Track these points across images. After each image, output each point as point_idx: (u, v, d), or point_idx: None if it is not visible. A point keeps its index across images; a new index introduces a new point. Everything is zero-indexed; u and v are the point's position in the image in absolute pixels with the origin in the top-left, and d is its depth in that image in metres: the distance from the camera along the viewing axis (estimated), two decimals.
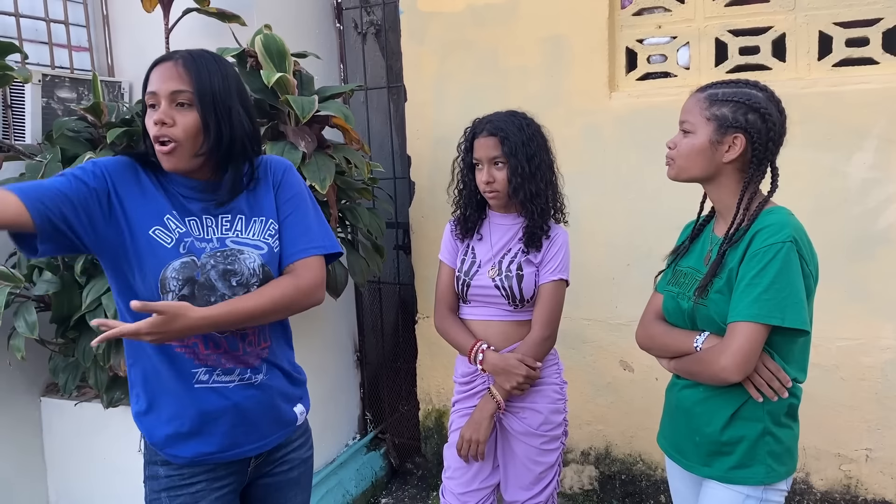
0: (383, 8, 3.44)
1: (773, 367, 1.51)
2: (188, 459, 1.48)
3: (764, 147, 1.52)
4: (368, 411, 3.60)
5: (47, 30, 2.93)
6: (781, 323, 1.44)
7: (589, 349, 2.95)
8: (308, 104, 2.37)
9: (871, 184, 2.48)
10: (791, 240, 1.44)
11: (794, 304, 1.44)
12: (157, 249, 1.40)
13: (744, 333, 1.46)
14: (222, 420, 1.48)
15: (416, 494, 3.37)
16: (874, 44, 2.51)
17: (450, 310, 2.13)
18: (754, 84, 1.55)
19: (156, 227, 1.42)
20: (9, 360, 2.47)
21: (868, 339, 2.54)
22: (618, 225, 2.85)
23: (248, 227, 1.49)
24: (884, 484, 2.58)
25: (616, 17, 2.85)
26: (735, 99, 1.51)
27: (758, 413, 1.54)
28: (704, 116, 1.53)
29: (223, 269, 1.44)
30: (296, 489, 1.67)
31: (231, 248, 1.46)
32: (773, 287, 1.44)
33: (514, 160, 1.96)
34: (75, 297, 2.27)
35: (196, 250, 1.43)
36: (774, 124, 1.52)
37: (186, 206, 1.46)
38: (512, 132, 1.97)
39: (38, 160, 2.41)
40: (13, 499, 2.67)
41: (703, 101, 1.54)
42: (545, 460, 2.07)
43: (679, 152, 1.57)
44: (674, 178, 1.62)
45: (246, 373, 1.50)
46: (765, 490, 1.55)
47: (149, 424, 1.50)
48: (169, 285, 1.40)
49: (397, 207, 3.40)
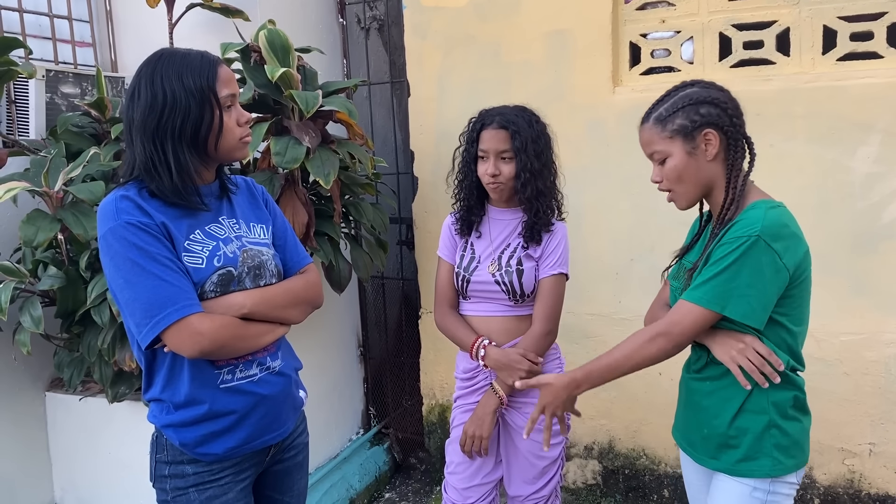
0: (386, 3, 3.44)
1: (763, 350, 1.51)
2: (218, 456, 1.51)
3: (732, 125, 1.53)
4: (372, 406, 3.61)
5: (51, 25, 2.93)
6: (721, 311, 1.47)
7: (592, 344, 2.95)
8: (312, 99, 2.37)
9: (875, 178, 2.48)
10: (756, 235, 1.44)
11: (741, 297, 1.46)
12: (193, 273, 1.45)
13: (684, 312, 1.51)
14: (253, 414, 1.52)
15: (419, 489, 3.38)
16: (879, 38, 2.50)
17: (450, 306, 2.13)
18: (682, 85, 1.58)
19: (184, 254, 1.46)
20: (14, 355, 2.48)
21: (871, 333, 2.54)
22: (621, 220, 2.85)
23: (252, 230, 1.59)
24: (887, 478, 2.59)
25: (620, 11, 2.84)
26: (679, 106, 1.53)
27: (763, 405, 1.54)
28: (667, 137, 1.55)
29: (254, 274, 1.53)
30: (301, 472, 1.73)
31: (251, 248, 1.54)
32: (723, 275, 1.46)
33: (523, 156, 1.95)
34: (80, 292, 2.27)
35: (230, 260, 1.49)
36: (725, 102, 1.54)
37: (200, 218, 1.50)
38: (522, 127, 1.96)
39: (43, 155, 2.42)
40: (18, 494, 2.68)
41: (655, 127, 1.57)
42: (548, 454, 2.07)
43: (669, 179, 1.58)
44: (687, 207, 1.62)
45: (266, 360, 1.56)
46: (772, 482, 1.55)
47: (178, 429, 1.50)
48: (207, 297, 1.47)
49: (400, 203, 3.40)
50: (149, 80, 1.41)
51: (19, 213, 2.27)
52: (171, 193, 1.43)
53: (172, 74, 1.40)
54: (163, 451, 1.53)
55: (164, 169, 1.42)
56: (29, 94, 2.66)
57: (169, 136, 1.41)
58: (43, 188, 2.19)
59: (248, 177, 1.76)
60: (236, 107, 1.48)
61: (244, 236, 1.55)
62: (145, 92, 1.40)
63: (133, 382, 2.46)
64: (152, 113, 1.40)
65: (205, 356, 1.43)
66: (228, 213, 1.56)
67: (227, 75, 1.46)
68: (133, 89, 1.43)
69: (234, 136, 1.47)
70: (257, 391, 1.53)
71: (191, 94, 1.40)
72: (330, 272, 2.71)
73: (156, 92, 1.40)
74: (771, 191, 1.61)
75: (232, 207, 1.58)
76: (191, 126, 1.41)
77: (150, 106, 1.40)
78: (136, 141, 1.42)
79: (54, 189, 2.19)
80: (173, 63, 1.42)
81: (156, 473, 1.55)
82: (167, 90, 1.39)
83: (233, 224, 1.55)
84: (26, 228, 2.14)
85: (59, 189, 2.19)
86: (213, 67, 1.44)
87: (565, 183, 2.11)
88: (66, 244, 2.28)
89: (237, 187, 1.64)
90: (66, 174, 2.19)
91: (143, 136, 1.41)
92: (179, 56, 1.43)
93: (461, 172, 2.08)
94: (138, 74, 1.43)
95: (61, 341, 2.48)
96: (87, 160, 2.24)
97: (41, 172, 2.23)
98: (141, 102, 1.41)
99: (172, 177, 1.42)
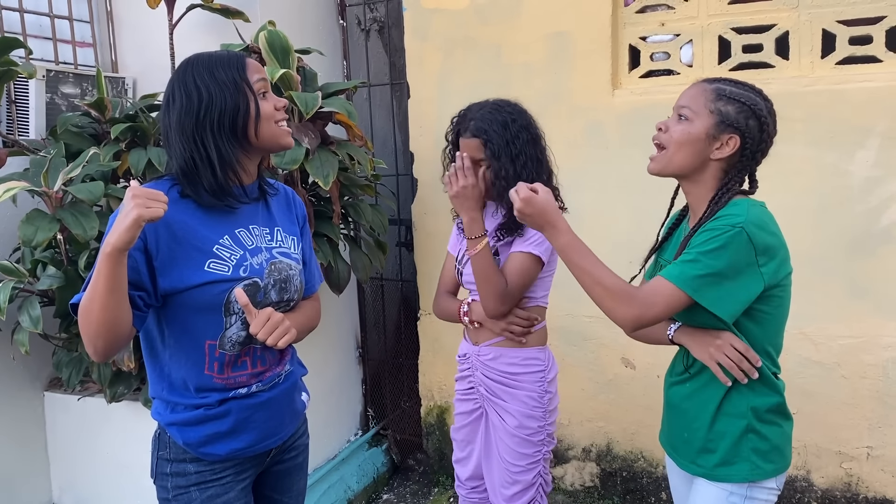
0: (386, 4, 3.44)
1: (741, 346, 1.50)
2: (222, 456, 1.52)
3: (752, 155, 1.52)
4: (370, 407, 3.61)
5: (51, 25, 2.93)
6: (693, 295, 1.43)
7: (590, 346, 2.95)
8: (312, 100, 2.38)
9: (873, 182, 2.48)
10: (740, 225, 1.42)
11: (713, 285, 1.43)
12: (216, 279, 1.46)
13: (659, 289, 1.45)
14: (257, 417, 1.54)
15: (417, 490, 3.38)
16: (877, 42, 2.51)
17: (447, 293, 2.19)
18: (759, 91, 1.55)
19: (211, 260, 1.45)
20: (12, 355, 2.48)
21: (869, 337, 2.54)
22: (620, 222, 2.85)
23: (284, 240, 1.60)
24: (885, 482, 2.59)
25: (619, 14, 2.85)
26: (741, 100, 1.50)
27: (741, 409, 1.54)
28: (708, 108, 1.51)
29: (280, 287, 1.55)
30: (300, 473, 1.74)
31: (280, 259, 1.55)
32: (701, 261, 1.43)
33: (496, 163, 1.92)
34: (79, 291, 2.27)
35: (255, 271, 1.49)
36: (769, 136, 1.53)
37: (231, 222, 1.50)
38: (496, 132, 1.92)
39: (43, 155, 2.42)
40: (16, 494, 2.68)
41: (709, 92, 1.53)
42: (519, 462, 2.03)
43: (672, 138, 1.53)
44: (657, 172, 1.58)
45: (280, 377, 1.59)
46: (749, 487, 1.54)
47: (182, 428, 1.50)
48: (233, 308, 1.47)
49: (400, 204, 3.40)
50: (181, 83, 1.43)
51: (19, 213, 2.27)
52: (211, 193, 1.44)
53: (204, 72, 1.42)
54: (165, 449, 1.53)
55: (206, 166, 1.42)
56: (29, 94, 2.67)
57: (209, 132, 1.41)
58: (42, 188, 2.19)
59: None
60: (270, 93, 1.50)
61: (274, 247, 1.55)
62: (179, 95, 1.42)
63: (131, 382, 2.46)
64: (189, 113, 1.41)
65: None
66: (263, 219, 1.57)
67: (255, 64, 1.48)
68: (167, 96, 1.44)
69: (272, 121, 1.48)
70: (264, 396, 1.55)
71: (224, 87, 1.41)
72: (329, 273, 2.71)
73: (189, 92, 1.41)
74: (769, 194, 1.62)
75: (269, 213, 1.59)
76: (229, 117, 1.42)
77: (185, 107, 1.41)
78: (175, 143, 1.43)
79: (54, 189, 2.19)
80: (201, 62, 1.44)
81: (157, 471, 1.55)
82: (201, 88, 1.41)
83: (264, 233, 1.55)
84: (25, 228, 2.14)
85: (59, 189, 2.19)
86: (241, 59, 1.47)
87: (558, 174, 2.05)
88: (66, 244, 2.28)
89: (277, 191, 1.65)
90: (66, 174, 2.19)
91: (182, 136, 1.42)
92: (206, 55, 1.46)
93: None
94: (170, 82, 1.45)
95: (60, 341, 2.48)
96: (87, 160, 2.24)
97: (41, 172, 2.23)
98: (176, 105, 1.42)
99: (216, 173, 1.43)
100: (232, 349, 1.49)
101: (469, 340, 2.12)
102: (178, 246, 1.42)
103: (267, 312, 1.44)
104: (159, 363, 1.50)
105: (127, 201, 1.25)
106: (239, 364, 1.51)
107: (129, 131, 2.39)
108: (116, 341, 1.35)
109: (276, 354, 1.58)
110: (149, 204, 1.25)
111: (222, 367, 1.49)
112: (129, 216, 1.23)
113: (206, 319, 1.45)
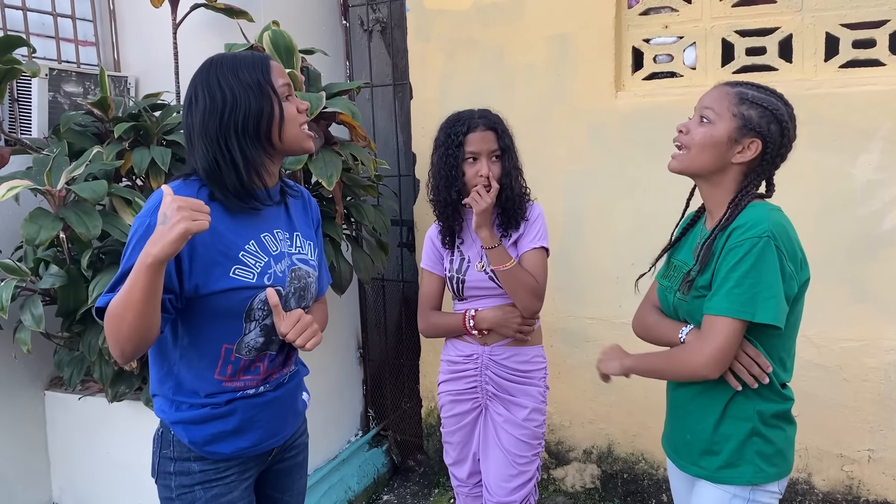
0: (389, 5, 3.45)
1: (752, 352, 1.51)
2: (227, 455, 1.52)
3: (772, 160, 1.53)
4: (371, 408, 3.61)
5: (54, 24, 2.93)
6: (752, 318, 1.44)
7: (592, 348, 2.95)
8: (316, 101, 2.38)
9: (876, 185, 2.48)
10: (767, 234, 1.43)
11: (766, 300, 1.43)
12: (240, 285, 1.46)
13: (718, 328, 1.46)
14: (262, 416, 1.54)
15: (417, 491, 3.38)
16: (881, 45, 2.51)
17: (433, 309, 2.21)
18: (780, 96, 1.55)
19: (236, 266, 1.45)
20: (14, 354, 2.48)
21: (871, 340, 2.54)
22: (622, 224, 2.85)
23: (303, 245, 1.61)
24: (886, 485, 2.59)
25: (623, 16, 2.85)
26: (764, 105, 1.51)
27: (747, 412, 1.54)
28: (731, 111, 1.52)
29: (299, 295, 1.56)
30: (301, 472, 1.75)
31: (300, 267, 1.56)
32: (744, 282, 1.44)
33: (507, 153, 2.05)
34: (81, 290, 2.27)
35: (279, 279, 1.50)
36: (789, 141, 1.54)
37: (256, 226, 1.50)
38: (502, 127, 2.06)
39: (45, 154, 2.42)
40: (16, 493, 2.67)
41: (733, 95, 1.53)
42: (525, 453, 2.12)
43: (694, 140, 1.54)
44: (679, 170, 1.59)
45: (285, 377, 1.60)
46: (752, 490, 1.54)
47: (187, 426, 1.50)
48: (254, 315, 1.48)
49: (401, 205, 3.40)
50: (204, 85, 1.41)
51: (21, 212, 2.27)
52: (235, 195, 1.43)
53: (228, 73, 1.41)
54: (168, 447, 1.52)
55: (230, 168, 1.41)
56: (32, 92, 2.66)
57: (233, 133, 1.40)
58: (45, 187, 2.19)
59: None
60: (293, 96, 1.49)
61: (294, 254, 1.56)
62: (203, 96, 1.41)
63: (133, 382, 2.45)
64: (213, 115, 1.40)
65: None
66: (285, 224, 1.57)
67: (279, 67, 1.48)
68: (189, 97, 1.43)
69: (297, 124, 1.48)
70: (269, 396, 1.55)
71: (249, 89, 1.41)
72: (331, 273, 2.70)
73: (213, 93, 1.40)
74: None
75: (289, 217, 1.60)
76: (253, 120, 1.41)
77: (209, 108, 1.40)
78: (198, 145, 1.42)
79: (56, 188, 2.19)
80: (225, 64, 1.43)
81: (159, 469, 1.54)
82: (225, 89, 1.40)
83: (286, 238, 1.56)
84: (28, 227, 2.13)
85: (62, 188, 2.19)
86: (265, 61, 1.46)
87: (561, 175, 2.13)
88: (68, 243, 2.28)
89: (297, 193, 1.66)
90: (69, 173, 2.19)
91: (206, 138, 1.41)
92: (230, 57, 1.45)
93: (444, 180, 2.05)
94: (193, 82, 1.44)
95: (62, 340, 2.47)
96: (90, 159, 2.24)
97: (44, 171, 2.22)
98: (199, 107, 1.41)
99: (240, 175, 1.42)
100: (248, 354, 1.49)
101: (473, 342, 2.15)
102: (206, 250, 1.41)
103: (297, 314, 1.45)
104: (167, 363, 1.50)
105: (172, 212, 1.22)
106: (252, 369, 1.52)
107: (131, 130, 2.39)
108: (146, 345, 1.35)
109: (285, 357, 1.59)
110: (195, 217, 1.23)
111: (236, 370, 1.49)
112: (176, 229, 1.21)
113: (225, 324, 1.45)
